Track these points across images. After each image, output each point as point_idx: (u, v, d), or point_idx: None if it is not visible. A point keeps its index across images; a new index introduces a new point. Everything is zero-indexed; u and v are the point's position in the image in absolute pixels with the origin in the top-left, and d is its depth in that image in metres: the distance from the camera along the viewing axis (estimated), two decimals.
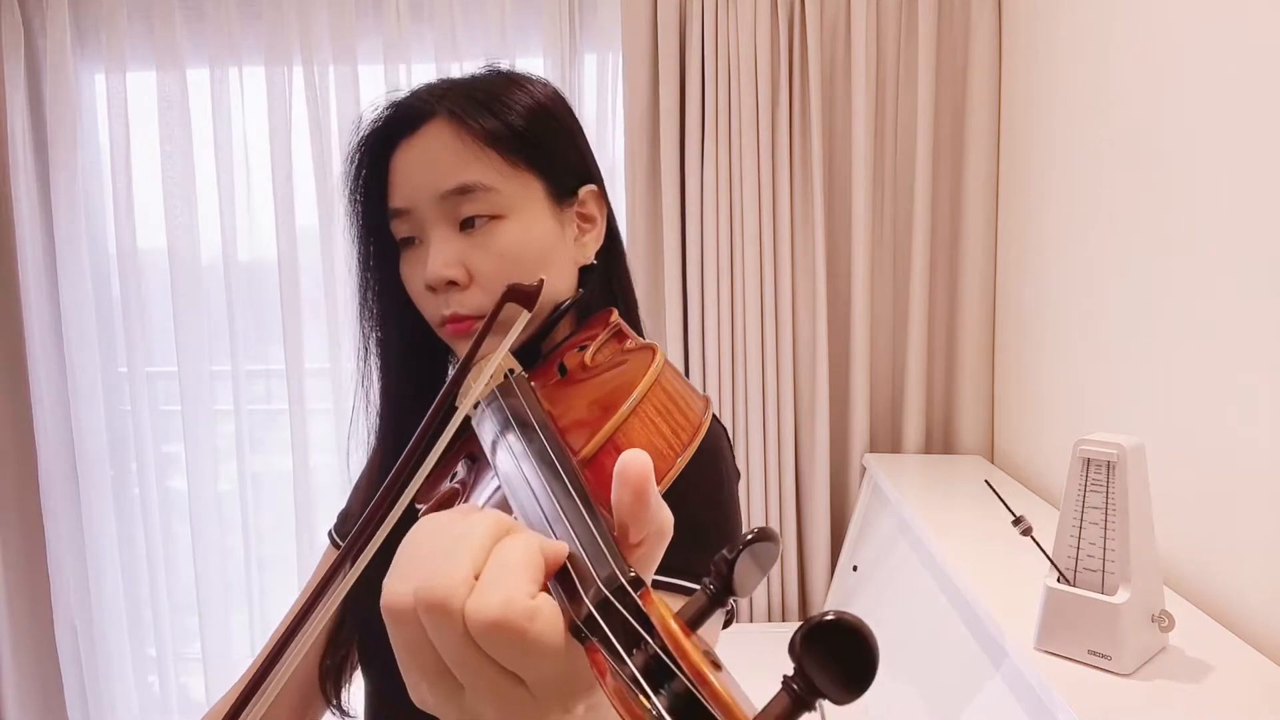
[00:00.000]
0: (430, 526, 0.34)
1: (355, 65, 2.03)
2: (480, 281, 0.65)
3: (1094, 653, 0.86)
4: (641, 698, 0.25)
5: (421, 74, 2.05)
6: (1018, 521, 0.90)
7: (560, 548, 0.32)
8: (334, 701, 0.79)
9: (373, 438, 0.77)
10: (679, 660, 0.25)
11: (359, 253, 0.72)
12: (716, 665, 0.25)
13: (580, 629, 0.29)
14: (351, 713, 0.81)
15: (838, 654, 0.23)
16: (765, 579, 1.86)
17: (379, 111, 0.69)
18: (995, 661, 1.02)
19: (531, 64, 2.05)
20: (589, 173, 0.73)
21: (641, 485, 0.32)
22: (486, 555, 0.31)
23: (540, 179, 0.68)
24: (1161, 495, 0.91)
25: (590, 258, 0.73)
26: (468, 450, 0.55)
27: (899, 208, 1.99)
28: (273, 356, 2.17)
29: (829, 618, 0.23)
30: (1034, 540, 0.90)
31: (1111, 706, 0.80)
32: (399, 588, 0.32)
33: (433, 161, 0.65)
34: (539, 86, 0.71)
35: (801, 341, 2.00)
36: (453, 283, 0.65)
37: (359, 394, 0.76)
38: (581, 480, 0.37)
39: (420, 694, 0.33)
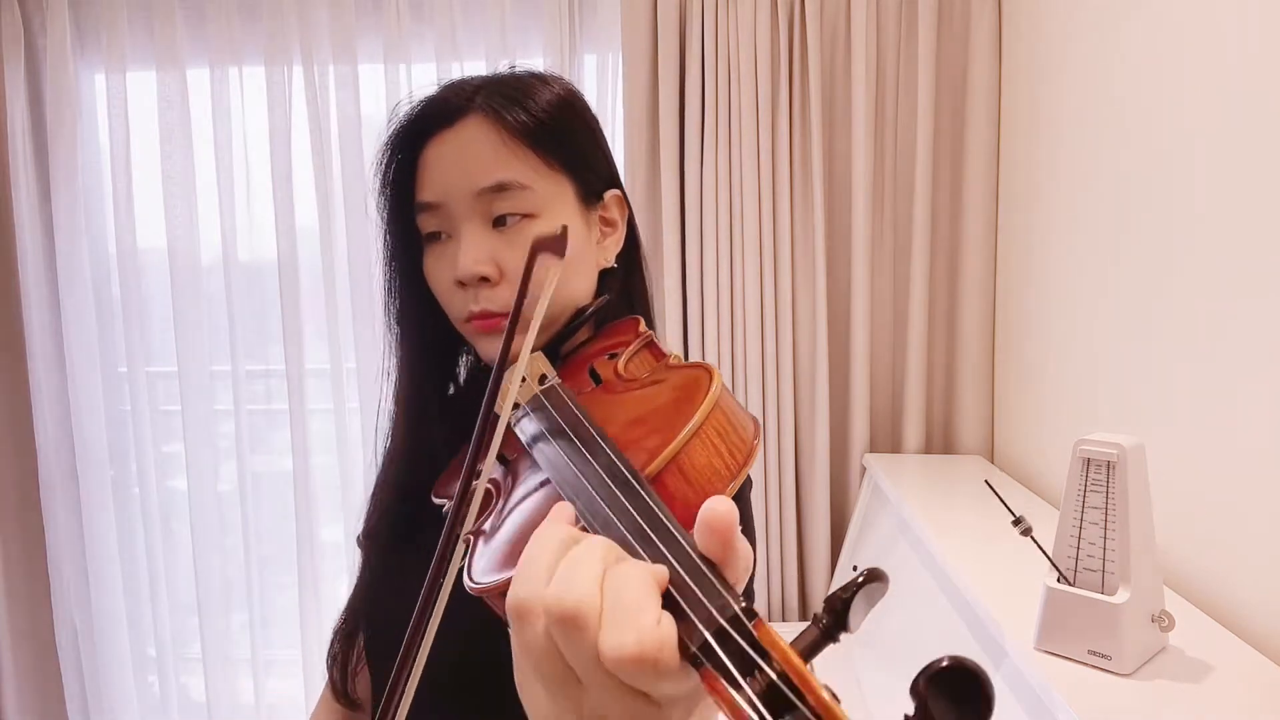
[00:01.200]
0: (547, 538, 0.35)
1: (355, 65, 2.03)
2: (510, 279, 0.65)
3: (1094, 653, 0.86)
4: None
5: (421, 74, 2.05)
6: (1018, 522, 0.90)
7: (664, 573, 0.32)
8: (342, 692, 0.80)
9: (387, 434, 0.77)
10: (803, 692, 0.26)
11: (386, 246, 0.72)
12: (835, 698, 0.27)
13: (697, 656, 0.29)
14: (359, 700, 0.81)
15: (957, 696, 0.25)
16: (763, 586, 1.86)
17: (414, 106, 0.69)
18: (995, 661, 1.02)
19: (531, 64, 2.04)
20: (614, 177, 0.74)
21: (728, 533, 0.33)
22: (602, 579, 0.32)
23: (571, 180, 0.69)
24: (1161, 495, 0.91)
25: (610, 261, 0.73)
26: (500, 450, 0.55)
27: (899, 208, 1.99)
28: (273, 356, 2.17)
29: (946, 663, 0.25)
30: (1034, 540, 0.90)
31: (1111, 706, 0.80)
32: (526, 594, 0.33)
33: (469, 158, 0.65)
34: (565, 86, 0.71)
35: (801, 341, 2.00)
36: (484, 279, 0.65)
37: (383, 387, 0.77)
38: (667, 508, 0.37)
39: (534, 695, 0.35)
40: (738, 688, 0.28)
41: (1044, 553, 0.90)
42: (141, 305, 2.14)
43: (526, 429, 0.51)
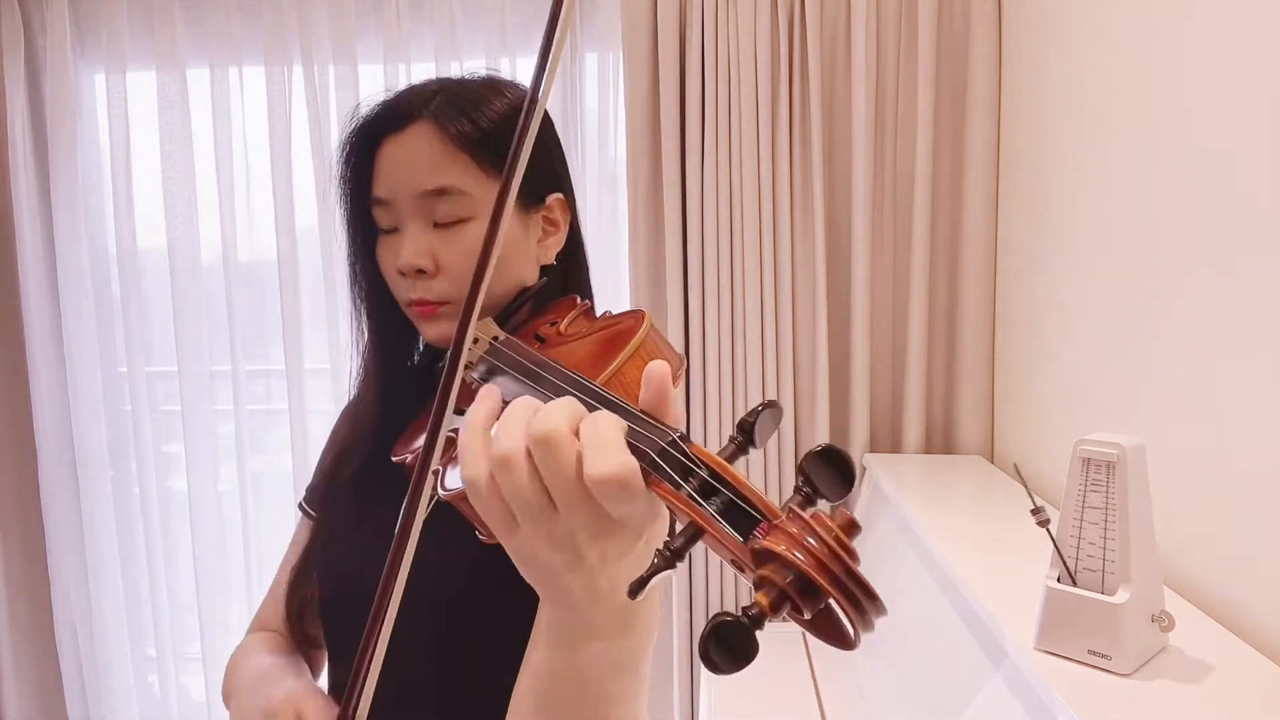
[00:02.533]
0: (523, 402, 0.44)
1: (355, 65, 2.03)
2: (446, 272, 0.72)
3: (1094, 653, 0.86)
4: (701, 506, 0.38)
5: (421, 74, 2.05)
6: (1037, 511, 0.89)
7: (623, 420, 0.42)
8: (302, 633, 0.86)
9: (356, 388, 0.84)
10: (726, 479, 0.38)
11: (347, 231, 0.79)
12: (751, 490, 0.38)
13: (648, 471, 0.40)
14: (319, 643, 0.86)
15: (830, 467, 0.39)
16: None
17: (371, 108, 0.75)
18: (995, 661, 1.02)
19: (531, 63, 2.04)
20: (558, 181, 0.79)
21: (664, 386, 0.43)
22: (577, 421, 0.41)
23: None
24: (1161, 495, 0.91)
25: (551, 259, 0.79)
26: (458, 405, 0.58)
27: (899, 208, 1.98)
28: (273, 356, 2.17)
29: (819, 448, 0.39)
30: (1049, 533, 0.90)
31: (1111, 706, 0.80)
32: (509, 440, 0.41)
33: (414, 161, 0.71)
34: (517, 93, 0.76)
35: (801, 341, 2.00)
36: (421, 271, 0.71)
37: (353, 353, 0.84)
38: (607, 389, 0.48)
39: (507, 527, 0.44)
40: (678, 486, 0.39)
41: (1055, 548, 0.90)
42: (141, 305, 2.14)
43: (489, 361, 0.59)
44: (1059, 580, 0.89)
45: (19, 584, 2.21)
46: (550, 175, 0.78)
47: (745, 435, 0.41)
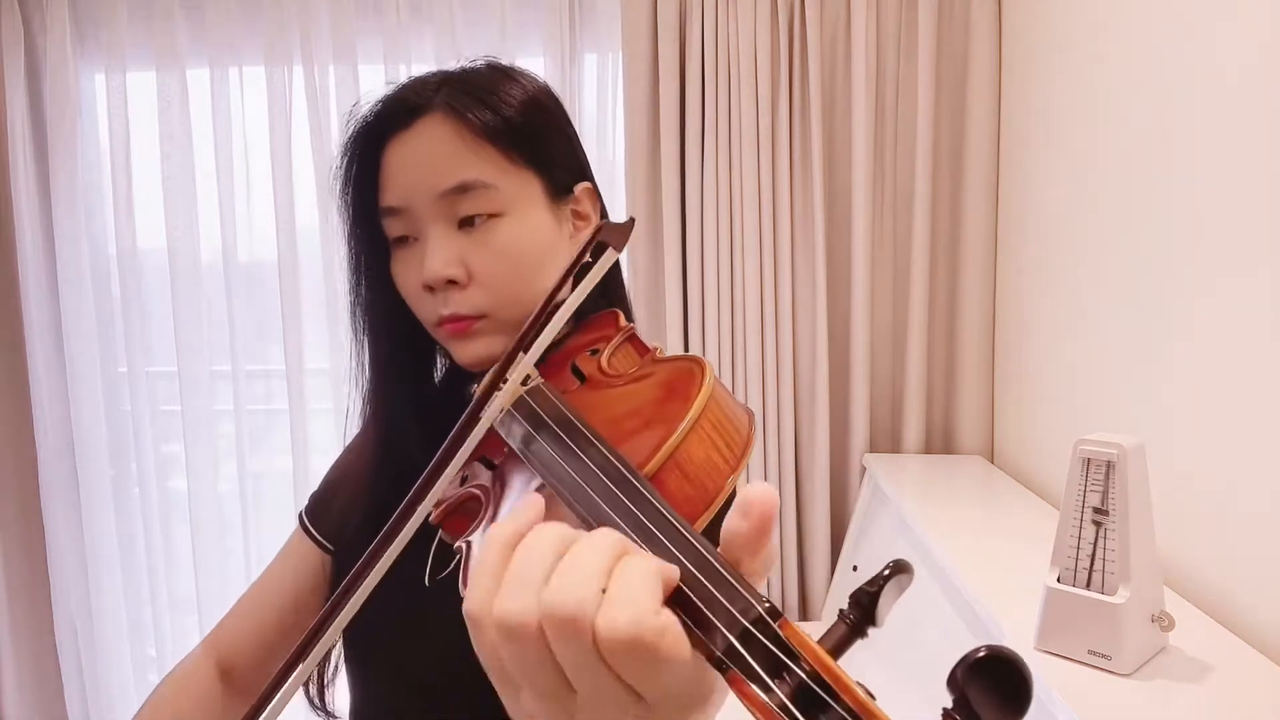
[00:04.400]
0: (545, 541, 0.33)
1: (355, 65, 2.03)
2: (480, 280, 0.64)
3: (1094, 653, 0.86)
4: None
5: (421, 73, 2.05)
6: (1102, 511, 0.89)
7: (673, 570, 0.31)
8: (319, 705, 0.78)
9: (361, 432, 0.76)
10: (837, 690, 0.26)
11: (350, 250, 0.71)
12: (870, 695, 0.27)
13: (722, 660, 0.29)
14: (336, 714, 0.80)
15: (996, 684, 0.25)
16: (763, 586, 1.87)
17: (371, 106, 0.67)
18: None
19: (531, 64, 2.03)
20: (583, 170, 0.72)
21: (767, 520, 0.32)
22: (609, 574, 0.31)
23: (538, 175, 0.67)
24: (1161, 495, 0.91)
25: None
26: (482, 453, 0.53)
27: (899, 208, 1.98)
28: (273, 356, 2.17)
29: (983, 654, 0.25)
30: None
31: (1111, 706, 0.80)
32: (518, 605, 0.31)
33: (429, 158, 0.63)
34: (531, 80, 0.70)
35: (801, 341, 2.00)
36: (452, 282, 0.63)
37: (354, 389, 0.74)
38: (671, 507, 0.36)
39: (522, 707, 0.33)
40: (768, 690, 0.27)
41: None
42: (141, 305, 2.14)
43: (514, 432, 0.49)
44: (1059, 580, 0.89)
45: (19, 584, 2.21)
46: (574, 162, 0.71)
47: (863, 613, 0.30)
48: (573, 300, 0.50)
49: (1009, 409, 1.88)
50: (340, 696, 0.80)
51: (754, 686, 0.28)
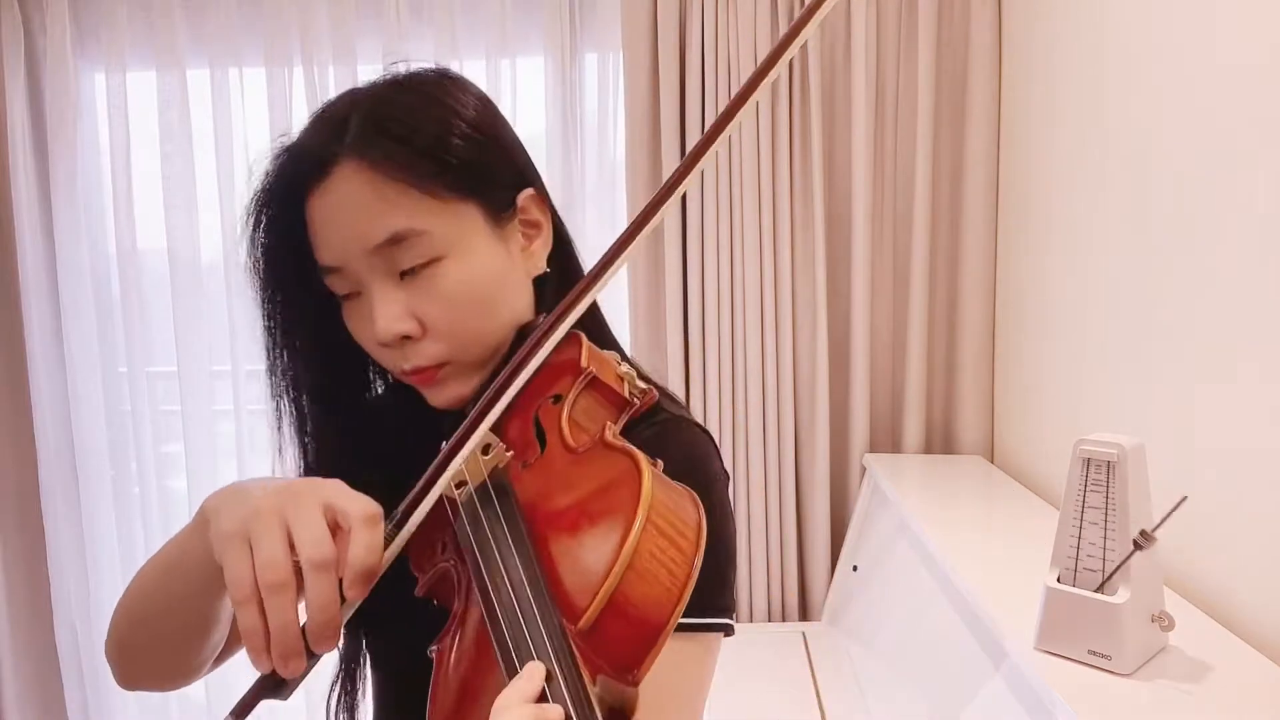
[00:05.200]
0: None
1: (355, 65, 2.03)
2: (433, 330, 0.61)
3: (1094, 653, 0.86)
4: None
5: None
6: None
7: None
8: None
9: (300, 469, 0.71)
10: None
11: (263, 313, 0.65)
12: None
13: None
14: None
15: None
16: (763, 586, 1.92)
17: (275, 160, 0.62)
18: (995, 661, 1.02)
19: (532, 64, 2.05)
20: (524, 175, 0.67)
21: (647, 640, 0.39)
22: None
23: (475, 203, 0.62)
24: (1161, 495, 0.90)
25: (543, 266, 0.68)
26: (443, 539, 0.54)
27: (899, 208, 1.98)
28: None
29: None
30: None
31: (1111, 706, 0.80)
32: None
33: (352, 213, 0.59)
34: (460, 96, 0.63)
35: (801, 341, 2.00)
36: (406, 337, 0.61)
37: (275, 459, 0.69)
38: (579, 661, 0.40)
39: None
40: None
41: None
42: (141, 305, 2.14)
43: (466, 523, 0.50)
44: (1059, 580, 0.89)
45: (19, 584, 2.21)
46: (514, 173, 0.66)
47: None
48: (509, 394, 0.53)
49: (1009, 409, 1.88)
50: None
51: None
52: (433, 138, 0.60)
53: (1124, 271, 1.33)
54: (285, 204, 0.61)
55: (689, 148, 1.93)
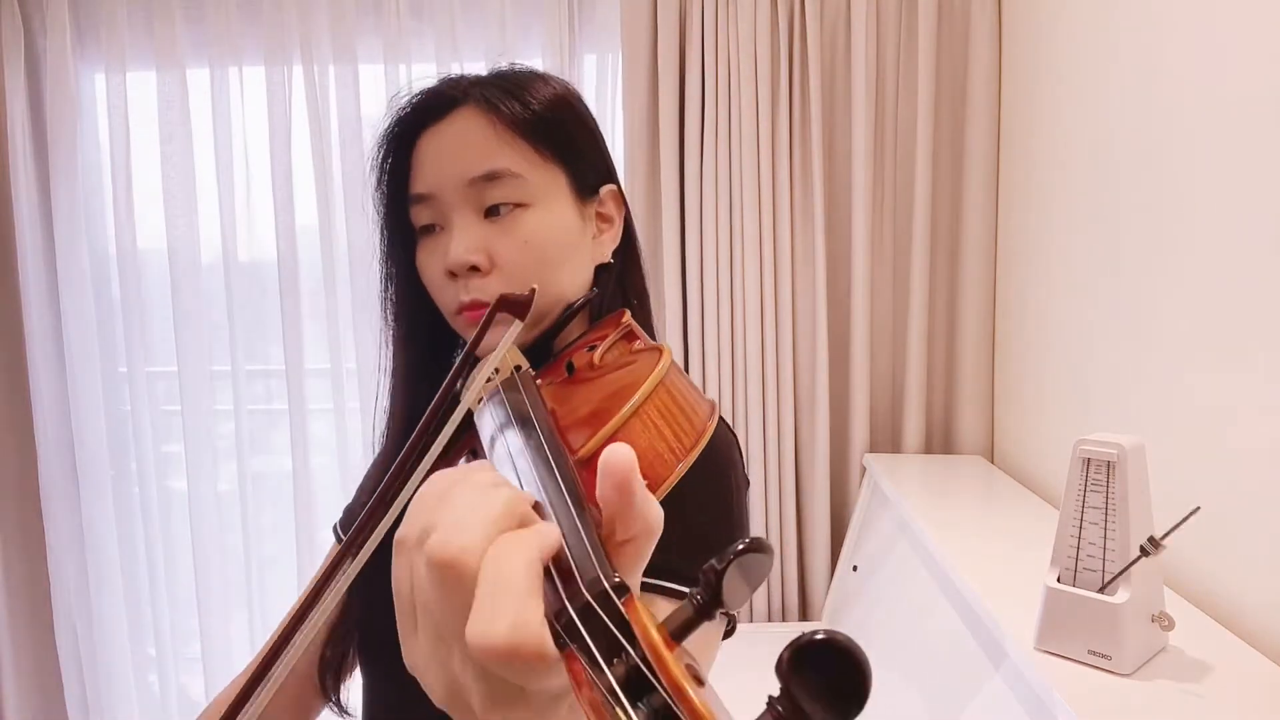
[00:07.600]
0: (454, 479, 0.33)
1: (355, 65, 2.03)
2: (502, 268, 0.65)
3: (1094, 653, 0.86)
4: (619, 710, 0.23)
5: (421, 74, 2.05)
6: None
7: (554, 538, 0.30)
8: (332, 697, 0.79)
9: (382, 432, 0.76)
10: (658, 673, 0.23)
11: (382, 241, 0.72)
12: (699, 681, 0.24)
13: (560, 635, 0.26)
14: (350, 710, 0.80)
15: (828, 675, 0.22)
16: (763, 586, 1.88)
17: (409, 98, 0.69)
18: (995, 661, 1.02)
19: (531, 64, 2.04)
20: (609, 172, 0.74)
21: (624, 479, 0.30)
22: (498, 532, 0.29)
23: (565, 172, 0.69)
24: (1161, 495, 0.91)
25: (607, 256, 0.73)
26: (471, 446, 0.55)
27: (899, 208, 1.99)
28: (273, 356, 2.17)
29: (819, 636, 0.22)
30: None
31: (1111, 706, 0.80)
32: (408, 530, 0.32)
33: (461, 147, 0.66)
34: (561, 83, 0.72)
35: (801, 341, 2.00)
36: (475, 269, 0.65)
37: (380, 386, 0.75)
38: (575, 478, 0.34)
39: (410, 649, 0.32)
40: (599, 671, 0.25)
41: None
42: (141, 305, 2.14)
43: (487, 425, 0.48)
44: (1059, 580, 0.89)
45: (19, 584, 2.21)
46: (601, 164, 0.73)
47: (710, 593, 0.26)
48: (492, 360, 0.53)
49: (1009, 409, 1.88)
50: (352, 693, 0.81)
51: (585, 665, 0.25)
52: (546, 104, 0.68)
53: (1124, 271, 1.33)
54: (402, 138, 0.68)
55: (688, 148, 1.94)
